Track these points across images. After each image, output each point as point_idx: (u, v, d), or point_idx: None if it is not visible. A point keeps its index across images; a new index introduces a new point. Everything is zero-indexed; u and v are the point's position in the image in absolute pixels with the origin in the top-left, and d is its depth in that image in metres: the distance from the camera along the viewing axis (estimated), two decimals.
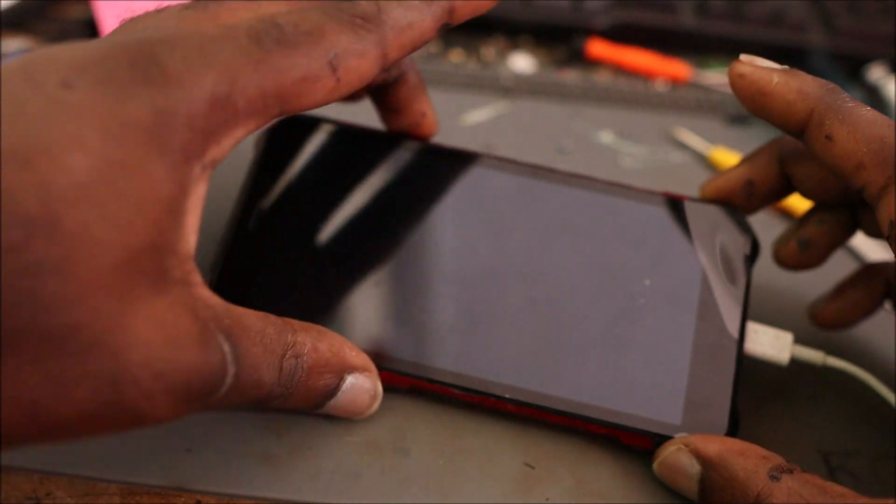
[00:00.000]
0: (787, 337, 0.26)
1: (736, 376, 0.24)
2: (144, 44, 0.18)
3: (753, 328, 0.26)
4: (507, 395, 0.24)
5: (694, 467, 0.23)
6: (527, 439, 0.25)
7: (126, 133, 0.17)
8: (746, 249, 0.26)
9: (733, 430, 0.24)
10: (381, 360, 0.24)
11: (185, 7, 0.21)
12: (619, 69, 0.42)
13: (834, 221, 0.26)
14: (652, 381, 0.24)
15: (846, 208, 0.26)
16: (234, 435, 0.24)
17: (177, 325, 0.17)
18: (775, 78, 0.23)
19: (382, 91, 0.26)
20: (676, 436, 0.23)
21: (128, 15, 0.20)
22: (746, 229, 0.26)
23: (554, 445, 0.25)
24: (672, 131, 0.38)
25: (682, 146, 0.38)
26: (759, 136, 0.38)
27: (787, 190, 0.26)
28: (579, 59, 0.42)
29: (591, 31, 0.42)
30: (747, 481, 0.21)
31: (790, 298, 0.30)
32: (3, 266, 0.15)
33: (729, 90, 0.24)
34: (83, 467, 0.23)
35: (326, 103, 0.20)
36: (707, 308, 0.25)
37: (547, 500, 0.24)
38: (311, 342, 0.21)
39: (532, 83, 0.40)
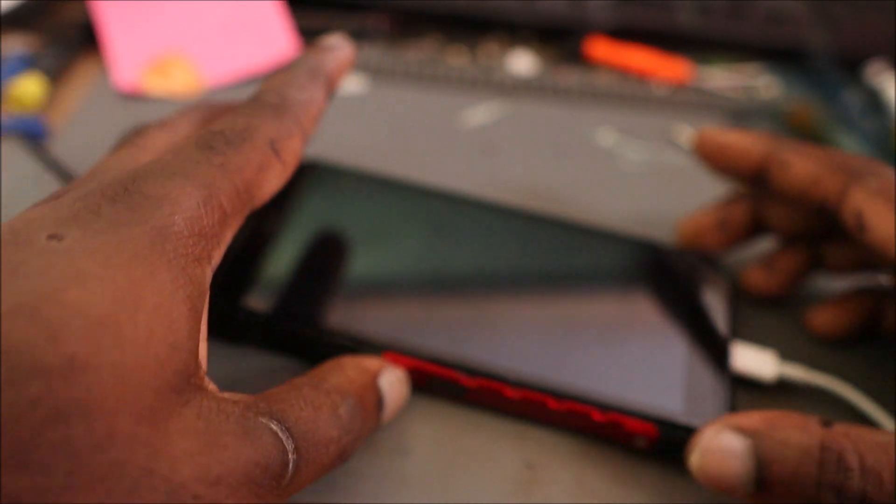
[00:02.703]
0: (773, 357, 0.27)
1: (731, 387, 0.25)
2: (112, 183, 0.18)
3: (740, 349, 0.27)
4: (510, 377, 0.24)
5: (742, 442, 0.21)
6: (527, 439, 0.25)
7: (127, 256, 0.16)
8: (727, 289, 0.28)
9: None
10: (387, 344, 0.25)
11: (111, 152, 0.22)
12: (619, 69, 0.42)
13: (798, 248, 0.29)
14: (652, 378, 0.25)
15: (812, 240, 0.29)
16: None
17: (209, 428, 0.17)
18: (732, 135, 0.28)
19: None
20: (688, 421, 0.24)
21: (127, 15, 0.21)
22: (721, 271, 0.29)
23: (554, 445, 0.25)
24: (672, 131, 0.38)
25: (682, 146, 0.38)
26: None
27: (757, 228, 0.30)
28: (579, 59, 0.42)
29: (591, 31, 0.43)
30: (804, 436, 0.20)
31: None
32: (31, 421, 0.14)
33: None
34: None
35: (279, 188, 0.21)
36: (695, 327, 0.27)
37: (547, 500, 0.24)
38: (344, 377, 0.22)
39: (532, 83, 0.40)
